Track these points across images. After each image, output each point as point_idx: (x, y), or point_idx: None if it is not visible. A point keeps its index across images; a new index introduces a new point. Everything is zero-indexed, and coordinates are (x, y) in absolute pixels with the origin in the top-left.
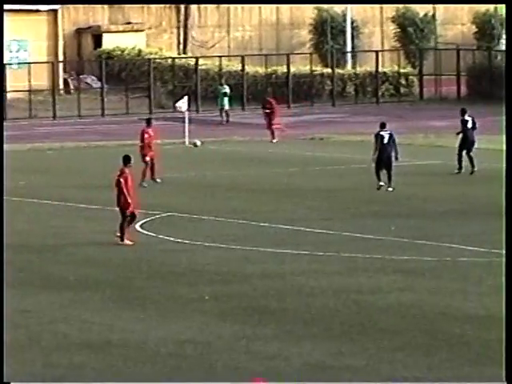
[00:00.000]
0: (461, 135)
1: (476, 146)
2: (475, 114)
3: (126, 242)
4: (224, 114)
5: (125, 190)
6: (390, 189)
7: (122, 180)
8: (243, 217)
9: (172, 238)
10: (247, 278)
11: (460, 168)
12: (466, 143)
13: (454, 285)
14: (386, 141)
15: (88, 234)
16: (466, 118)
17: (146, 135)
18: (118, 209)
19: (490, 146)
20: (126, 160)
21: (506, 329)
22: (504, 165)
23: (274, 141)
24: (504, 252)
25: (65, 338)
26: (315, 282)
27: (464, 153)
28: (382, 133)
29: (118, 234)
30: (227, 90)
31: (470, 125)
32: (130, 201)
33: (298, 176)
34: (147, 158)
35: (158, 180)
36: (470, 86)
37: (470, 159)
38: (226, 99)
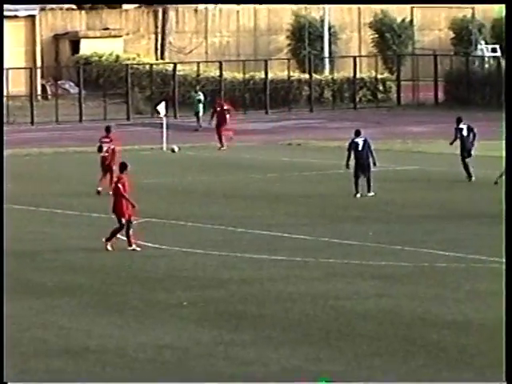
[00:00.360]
0: (459, 145)
1: (473, 153)
2: (453, 119)
3: (108, 247)
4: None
5: (125, 195)
6: (370, 194)
7: (120, 186)
8: (221, 222)
9: (150, 244)
10: (225, 283)
11: (469, 175)
12: (465, 150)
13: (431, 290)
14: (360, 148)
15: (66, 240)
16: (461, 126)
17: (110, 144)
18: (113, 216)
19: None
20: (123, 167)
21: (506, 330)
22: (504, 170)
23: (223, 148)
24: (504, 254)
25: (43, 343)
26: (293, 287)
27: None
28: (356, 140)
29: (104, 241)
30: (201, 97)
31: (465, 132)
32: (126, 208)
33: (276, 182)
34: (114, 167)
35: (100, 189)
36: (448, 91)
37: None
38: (200, 106)
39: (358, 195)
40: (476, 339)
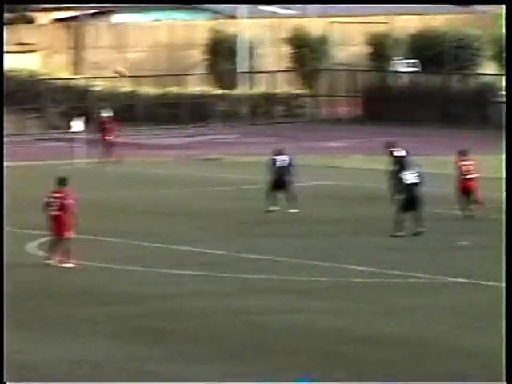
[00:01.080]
0: None
1: None
2: (369, 134)
3: (68, 265)
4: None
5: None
6: (294, 210)
7: (72, 201)
8: (138, 238)
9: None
10: (140, 298)
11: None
12: None
13: (347, 305)
14: (282, 164)
15: None
16: None
17: None
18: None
19: (380, 167)
20: (64, 181)
21: (505, 330)
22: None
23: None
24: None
25: None
26: (209, 303)
27: None
28: (277, 157)
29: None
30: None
31: None
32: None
33: (192, 197)
34: None
35: None
36: (364, 106)
37: None
38: None
39: (274, 208)
40: (393, 354)
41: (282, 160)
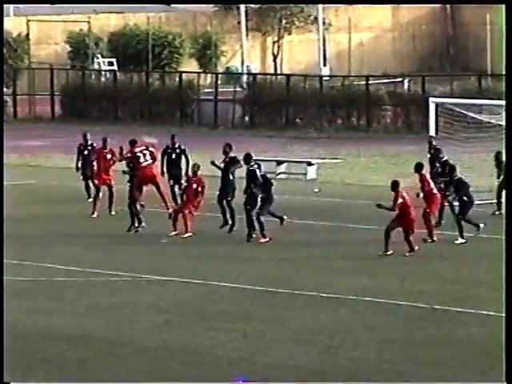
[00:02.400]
0: None
1: None
2: (69, 133)
3: None
4: None
5: None
6: None
7: None
8: None
9: None
10: None
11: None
12: None
13: (50, 304)
14: None
15: None
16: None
17: None
18: None
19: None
20: None
21: (506, 329)
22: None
23: None
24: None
25: None
26: None
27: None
28: None
29: None
30: None
31: None
32: None
33: None
34: None
35: None
36: (64, 105)
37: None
38: None
39: None
40: (95, 352)
41: None
